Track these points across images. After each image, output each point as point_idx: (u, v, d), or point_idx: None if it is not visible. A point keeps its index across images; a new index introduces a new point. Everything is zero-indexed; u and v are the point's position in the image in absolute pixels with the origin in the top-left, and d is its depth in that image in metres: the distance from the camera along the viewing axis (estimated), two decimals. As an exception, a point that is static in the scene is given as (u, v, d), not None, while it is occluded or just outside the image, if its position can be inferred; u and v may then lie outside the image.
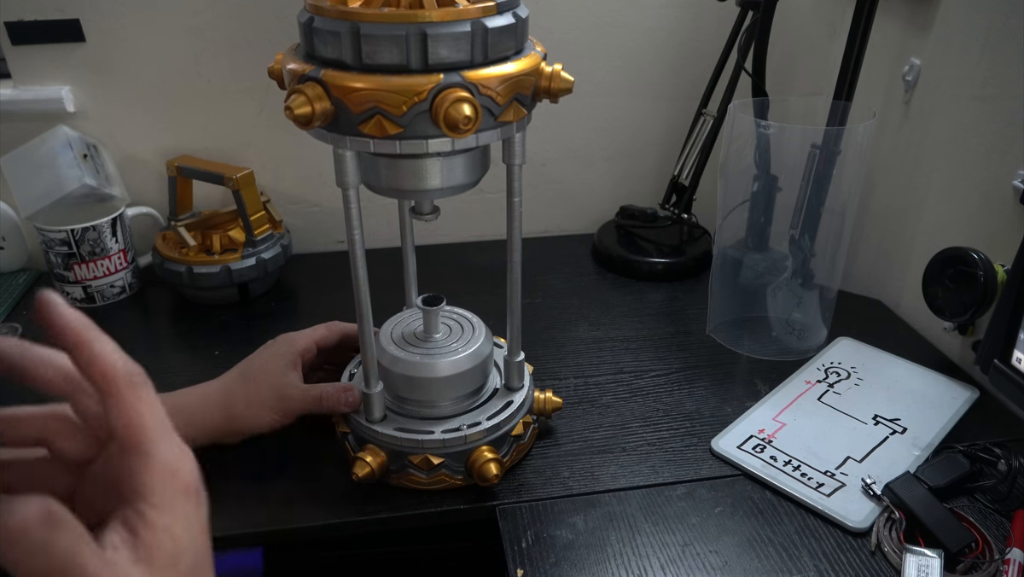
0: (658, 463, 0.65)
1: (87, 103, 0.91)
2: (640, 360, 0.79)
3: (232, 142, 0.96)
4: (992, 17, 0.72)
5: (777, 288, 0.81)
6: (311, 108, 0.47)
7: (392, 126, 0.47)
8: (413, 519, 0.60)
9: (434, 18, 0.46)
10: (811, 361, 0.78)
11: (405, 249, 0.69)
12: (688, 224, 0.98)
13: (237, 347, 0.81)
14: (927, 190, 0.81)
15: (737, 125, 0.74)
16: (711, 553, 0.56)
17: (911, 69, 0.82)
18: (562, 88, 0.52)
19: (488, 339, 0.64)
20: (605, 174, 1.06)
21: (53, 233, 0.84)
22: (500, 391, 0.65)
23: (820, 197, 0.75)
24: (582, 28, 0.96)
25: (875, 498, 0.60)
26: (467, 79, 0.47)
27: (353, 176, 0.51)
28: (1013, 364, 0.60)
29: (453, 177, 0.54)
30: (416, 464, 0.60)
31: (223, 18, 0.89)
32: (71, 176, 0.84)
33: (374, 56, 0.46)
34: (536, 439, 0.67)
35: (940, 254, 0.73)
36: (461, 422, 0.61)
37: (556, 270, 0.98)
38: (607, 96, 1.00)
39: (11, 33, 0.86)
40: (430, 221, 0.59)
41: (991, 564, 0.54)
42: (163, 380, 0.75)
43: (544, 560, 0.56)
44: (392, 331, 0.64)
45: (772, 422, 0.69)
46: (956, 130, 0.77)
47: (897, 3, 0.83)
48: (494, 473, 0.59)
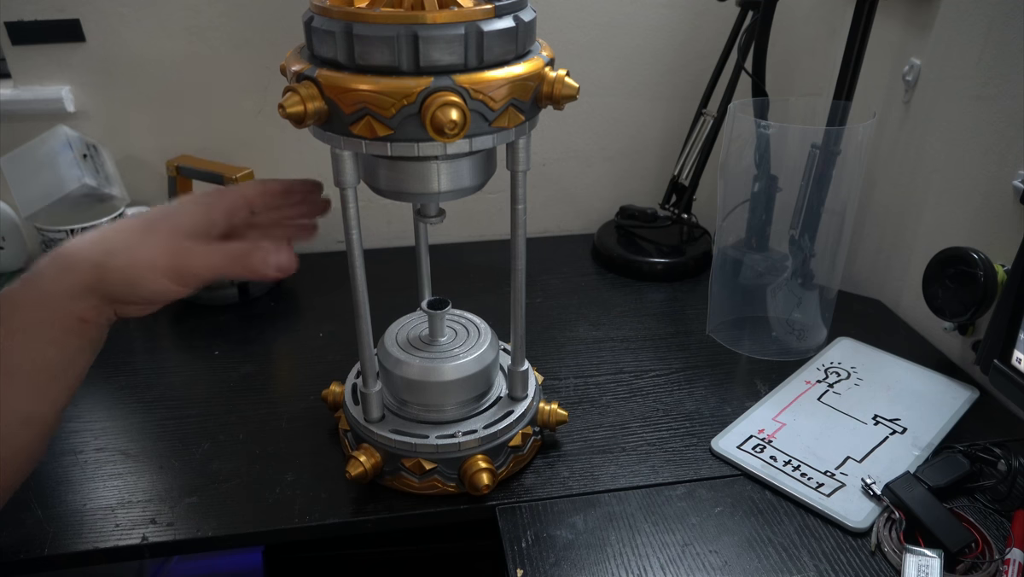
0: (658, 463, 0.65)
1: (87, 103, 0.91)
2: (640, 360, 0.79)
3: (232, 142, 0.96)
4: (992, 17, 0.72)
5: (777, 288, 0.81)
6: (303, 107, 0.47)
7: (382, 128, 0.47)
8: (413, 519, 0.60)
9: (428, 20, 0.46)
10: (811, 361, 0.78)
11: (419, 251, 0.68)
12: (688, 224, 0.98)
13: (237, 347, 0.82)
14: (927, 190, 0.81)
15: (737, 125, 0.74)
16: (711, 553, 0.56)
17: (911, 69, 0.82)
18: (566, 94, 0.51)
19: (493, 345, 0.63)
20: (605, 174, 1.06)
21: (53, 233, 0.84)
22: (503, 400, 0.64)
23: (820, 197, 0.75)
24: (583, 28, 0.96)
25: (875, 498, 0.60)
26: (458, 83, 0.46)
27: (351, 176, 0.51)
28: (1013, 364, 0.60)
29: (458, 180, 0.53)
30: (409, 468, 0.60)
31: (223, 18, 0.89)
32: (71, 176, 0.84)
33: (366, 57, 0.46)
34: (538, 451, 0.67)
35: (940, 254, 0.72)
36: (458, 428, 0.60)
37: (556, 270, 0.98)
38: (607, 96, 1.00)
39: (11, 33, 0.86)
40: (436, 224, 0.58)
41: (991, 564, 0.54)
42: (163, 380, 0.77)
43: (544, 560, 0.56)
44: (398, 333, 0.64)
45: (772, 422, 0.69)
46: (956, 130, 0.77)
47: (897, 3, 0.83)
48: (485, 483, 0.59)
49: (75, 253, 0.47)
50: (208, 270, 0.48)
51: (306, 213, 0.56)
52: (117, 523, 0.59)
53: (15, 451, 0.49)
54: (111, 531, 0.58)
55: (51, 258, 0.47)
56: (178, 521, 0.59)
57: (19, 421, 0.48)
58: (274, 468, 0.64)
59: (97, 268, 0.47)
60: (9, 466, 0.49)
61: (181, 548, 0.58)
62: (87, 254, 0.47)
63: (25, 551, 0.56)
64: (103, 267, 0.47)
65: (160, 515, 0.59)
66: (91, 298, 0.47)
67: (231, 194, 0.51)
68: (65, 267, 0.47)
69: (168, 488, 0.62)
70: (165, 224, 0.48)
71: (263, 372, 0.78)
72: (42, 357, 0.47)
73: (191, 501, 0.61)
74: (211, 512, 0.60)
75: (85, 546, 0.57)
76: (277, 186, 0.53)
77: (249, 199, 0.52)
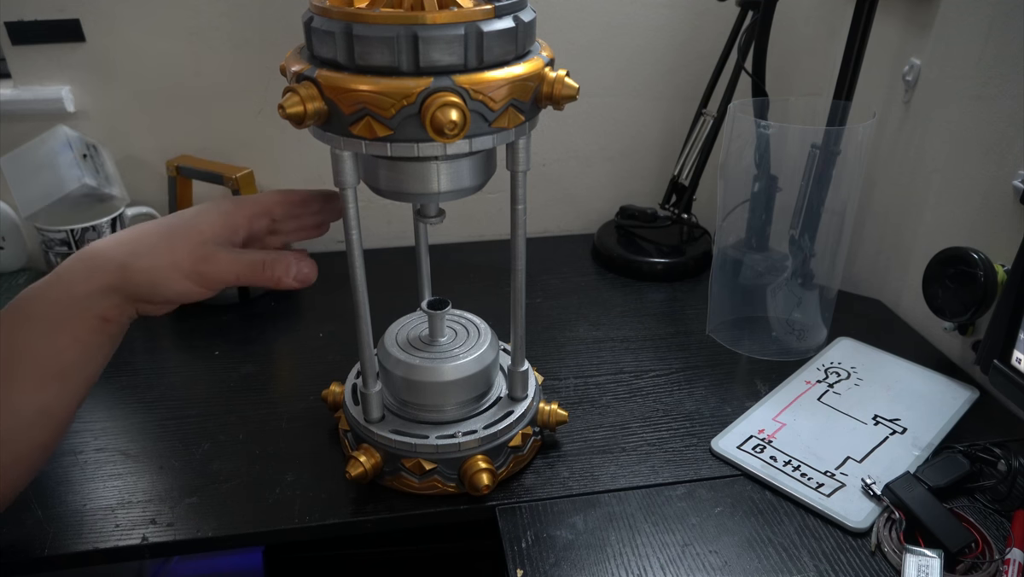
0: (658, 463, 0.65)
1: (87, 103, 0.91)
2: (640, 360, 0.79)
3: (232, 142, 0.96)
4: (992, 17, 0.72)
5: (777, 288, 0.81)
6: (303, 108, 0.47)
7: (382, 128, 0.47)
8: (413, 519, 0.60)
9: (428, 20, 0.46)
10: (811, 361, 0.78)
11: (419, 251, 0.68)
12: (688, 224, 0.98)
13: (237, 347, 0.82)
14: (927, 190, 0.81)
15: (737, 125, 0.74)
16: (711, 553, 0.56)
17: (911, 69, 0.82)
18: (566, 95, 0.51)
19: (493, 345, 0.63)
20: (605, 174, 1.06)
21: (53, 233, 0.84)
22: (503, 400, 0.64)
23: (820, 197, 0.75)
24: (582, 28, 0.96)
25: (875, 498, 0.60)
26: (458, 83, 0.46)
27: (351, 176, 0.51)
28: (1013, 364, 0.60)
29: (458, 181, 0.53)
30: (409, 468, 0.60)
31: (223, 18, 0.89)
32: (71, 176, 0.84)
33: (366, 57, 0.46)
34: (538, 451, 0.67)
35: (940, 254, 0.72)
36: (458, 429, 0.60)
37: (556, 270, 0.98)
38: (607, 96, 1.00)
39: (11, 33, 0.86)
40: (436, 224, 0.58)
41: (991, 564, 0.54)
42: (163, 380, 0.77)
43: (544, 560, 0.56)
44: (398, 333, 0.64)
45: (772, 422, 0.69)
46: (956, 130, 0.77)
47: (897, 3, 0.83)
48: (485, 483, 0.59)
49: (102, 253, 0.49)
50: (231, 276, 0.51)
51: (323, 220, 0.57)
52: (117, 523, 0.59)
53: (32, 447, 0.50)
54: (111, 531, 0.58)
55: (78, 257, 0.49)
56: (178, 521, 0.59)
57: (38, 415, 0.49)
58: (274, 468, 0.64)
59: (123, 269, 0.49)
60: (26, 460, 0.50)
61: (181, 548, 0.58)
62: (113, 255, 0.49)
63: (25, 551, 0.56)
64: (129, 268, 0.49)
65: (160, 515, 0.60)
66: (115, 297, 0.49)
67: (253, 203, 0.53)
68: (92, 267, 0.49)
69: (168, 488, 0.62)
70: (187, 229, 0.50)
71: (263, 372, 0.78)
72: (65, 353, 0.49)
73: (191, 501, 0.61)
74: (211, 512, 0.60)
75: (85, 546, 0.57)
76: (297, 196, 0.55)
77: (270, 208, 0.54)
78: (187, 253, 0.49)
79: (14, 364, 0.48)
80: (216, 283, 0.50)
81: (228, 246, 0.51)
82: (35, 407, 0.49)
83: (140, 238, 0.50)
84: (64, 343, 0.49)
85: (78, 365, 0.50)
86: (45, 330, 0.48)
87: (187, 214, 0.52)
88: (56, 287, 0.49)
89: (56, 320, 0.48)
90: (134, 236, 0.50)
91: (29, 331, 0.48)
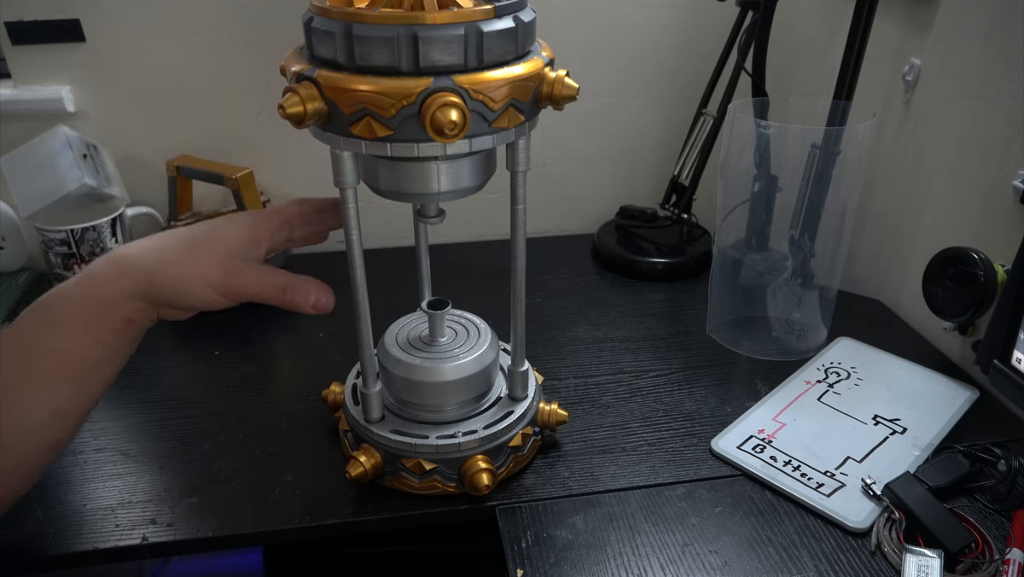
0: (658, 463, 0.65)
1: (87, 103, 0.91)
2: (640, 360, 0.79)
3: (232, 142, 0.96)
4: (992, 17, 0.72)
5: (777, 288, 0.81)
6: (303, 108, 0.47)
7: (382, 128, 0.47)
8: (413, 519, 0.60)
9: (428, 20, 0.46)
10: (811, 361, 0.78)
11: (419, 251, 0.68)
12: (688, 224, 0.98)
13: (237, 347, 0.82)
14: (927, 190, 0.81)
15: (737, 125, 0.74)
16: (711, 553, 0.56)
17: (911, 69, 0.82)
18: (566, 95, 0.51)
19: (493, 345, 0.63)
20: (605, 174, 1.06)
21: (53, 233, 0.84)
22: (503, 400, 0.64)
23: (820, 197, 0.75)
24: (583, 29, 0.96)
25: (875, 498, 0.60)
26: (458, 83, 0.46)
27: (351, 176, 0.51)
28: (1013, 364, 0.60)
29: (458, 181, 0.53)
30: (409, 468, 0.60)
31: (223, 18, 0.89)
32: (71, 176, 0.84)
33: (366, 57, 0.46)
34: (538, 451, 0.67)
35: (940, 254, 0.72)
36: (458, 429, 0.60)
37: (556, 270, 0.98)
38: (607, 96, 1.00)
39: (11, 33, 0.86)
40: (436, 224, 0.58)
41: (991, 564, 0.54)
42: (163, 380, 0.77)
43: (544, 560, 0.56)
44: (398, 333, 0.64)
45: (772, 422, 0.69)
46: (956, 130, 0.77)
47: (897, 3, 0.83)
48: (485, 483, 0.59)
49: (131, 258, 0.51)
50: (254, 292, 0.53)
51: (335, 227, 0.59)
52: (117, 523, 0.59)
53: (41, 449, 0.51)
54: (111, 531, 0.58)
55: (108, 260, 0.51)
56: (178, 521, 0.59)
57: (52, 416, 0.50)
58: (274, 468, 0.64)
59: (151, 274, 0.50)
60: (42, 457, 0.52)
61: (181, 548, 0.58)
62: (142, 260, 0.51)
63: (25, 551, 0.56)
64: (157, 274, 0.50)
65: (160, 515, 0.60)
66: (140, 301, 0.51)
67: (275, 216, 0.55)
68: (121, 271, 0.50)
69: (168, 488, 0.62)
70: (214, 242, 0.52)
71: (263, 372, 0.78)
72: (88, 352, 0.50)
73: (191, 501, 0.61)
74: (211, 512, 0.60)
75: (85, 546, 0.57)
76: (310, 207, 0.57)
77: (290, 220, 0.55)
78: (215, 265, 0.51)
79: (35, 363, 0.49)
80: (239, 296, 0.53)
81: (253, 260, 0.53)
82: (50, 409, 0.50)
83: (167, 246, 0.52)
84: (88, 343, 0.50)
85: (100, 365, 0.51)
86: (70, 329, 0.50)
87: (212, 226, 0.53)
88: (84, 287, 0.50)
89: (82, 320, 0.50)
90: (162, 243, 0.52)
91: (54, 330, 0.49)
